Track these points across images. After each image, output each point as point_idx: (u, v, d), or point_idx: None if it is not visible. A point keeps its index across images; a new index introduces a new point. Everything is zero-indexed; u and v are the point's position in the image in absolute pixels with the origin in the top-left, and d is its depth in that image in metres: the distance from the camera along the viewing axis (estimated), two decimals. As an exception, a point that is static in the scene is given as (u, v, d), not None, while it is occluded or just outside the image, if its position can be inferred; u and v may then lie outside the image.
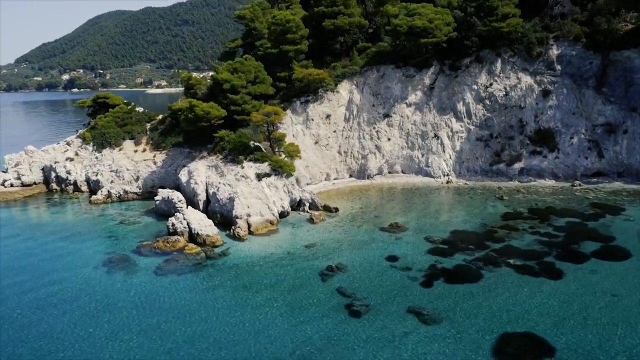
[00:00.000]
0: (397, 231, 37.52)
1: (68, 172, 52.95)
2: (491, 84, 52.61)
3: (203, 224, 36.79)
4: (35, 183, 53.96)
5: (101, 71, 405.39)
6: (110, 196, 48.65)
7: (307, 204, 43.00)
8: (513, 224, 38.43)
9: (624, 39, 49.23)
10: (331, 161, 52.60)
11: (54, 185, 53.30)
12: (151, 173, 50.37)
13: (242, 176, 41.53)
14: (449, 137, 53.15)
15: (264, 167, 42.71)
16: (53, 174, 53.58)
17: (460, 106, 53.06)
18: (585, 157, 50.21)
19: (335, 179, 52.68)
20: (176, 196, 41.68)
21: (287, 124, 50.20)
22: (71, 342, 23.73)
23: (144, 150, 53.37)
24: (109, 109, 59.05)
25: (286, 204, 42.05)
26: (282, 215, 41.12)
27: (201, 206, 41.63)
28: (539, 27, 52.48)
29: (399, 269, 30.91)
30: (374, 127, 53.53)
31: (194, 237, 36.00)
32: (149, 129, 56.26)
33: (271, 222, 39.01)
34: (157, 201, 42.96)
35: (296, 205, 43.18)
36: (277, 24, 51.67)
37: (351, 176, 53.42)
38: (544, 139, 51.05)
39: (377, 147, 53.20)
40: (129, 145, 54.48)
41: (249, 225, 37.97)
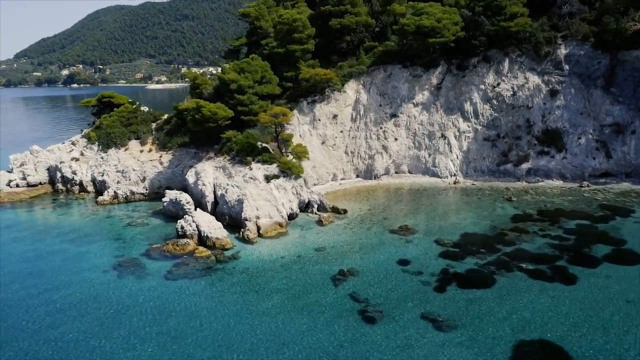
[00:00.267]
0: (407, 234, 37.36)
1: (74, 172, 52.71)
2: (499, 84, 52.30)
3: (212, 227, 36.60)
4: (40, 183, 53.76)
5: (101, 66, 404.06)
6: (116, 197, 48.45)
7: (316, 206, 42.80)
8: (523, 226, 38.30)
9: (633, 39, 48.85)
10: (338, 161, 52.38)
11: (59, 186, 53.10)
12: (158, 174, 50.13)
13: (251, 178, 41.30)
14: (456, 137, 52.91)
15: (273, 169, 42.46)
16: (59, 174, 53.35)
17: (468, 106, 52.79)
18: (593, 158, 50.00)
19: (342, 179, 52.49)
20: (184, 198, 41.51)
21: (294, 124, 49.95)
22: (82, 351, 23.53)
23: (149, 151, 53.09)
24: (114, 109, 58.82)
25: (295, 206, 41.84)
26: (291, 217, 40.92)
27: (209, 208, 41.41)
28: (547, 26, 52.12)
29: (411, 273, 30.80)
30: (380, 127, 53.26)
31: (203, 240, 35.82)
32: (154, 129, 55.95)
33: (280, 225, 38.82)
34: (164, 202, 42.76)
35: (304, 206, 42.97)
36: (284, 23, 51.29)
37: (358, 176, 53.23)
38: (552, 139, 50.80)
39: (384, 147, 52.95)
40: (134, 145, 54.18)
41: (259, 228, 37.79)
